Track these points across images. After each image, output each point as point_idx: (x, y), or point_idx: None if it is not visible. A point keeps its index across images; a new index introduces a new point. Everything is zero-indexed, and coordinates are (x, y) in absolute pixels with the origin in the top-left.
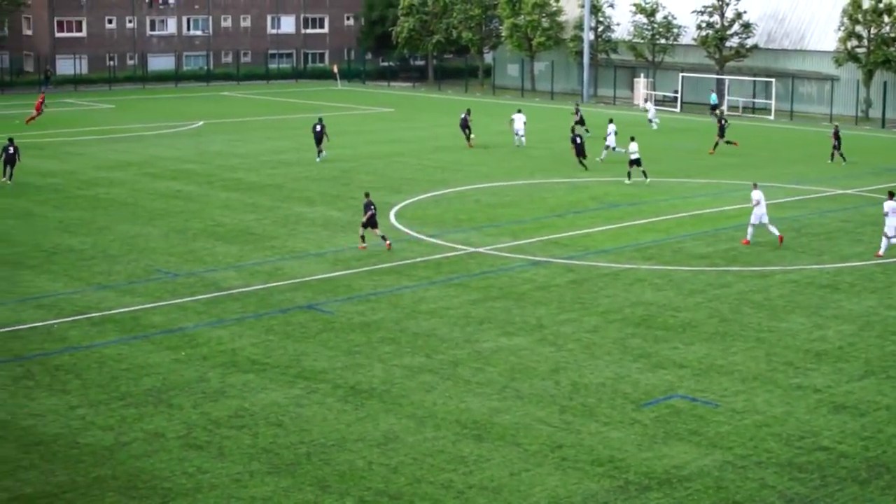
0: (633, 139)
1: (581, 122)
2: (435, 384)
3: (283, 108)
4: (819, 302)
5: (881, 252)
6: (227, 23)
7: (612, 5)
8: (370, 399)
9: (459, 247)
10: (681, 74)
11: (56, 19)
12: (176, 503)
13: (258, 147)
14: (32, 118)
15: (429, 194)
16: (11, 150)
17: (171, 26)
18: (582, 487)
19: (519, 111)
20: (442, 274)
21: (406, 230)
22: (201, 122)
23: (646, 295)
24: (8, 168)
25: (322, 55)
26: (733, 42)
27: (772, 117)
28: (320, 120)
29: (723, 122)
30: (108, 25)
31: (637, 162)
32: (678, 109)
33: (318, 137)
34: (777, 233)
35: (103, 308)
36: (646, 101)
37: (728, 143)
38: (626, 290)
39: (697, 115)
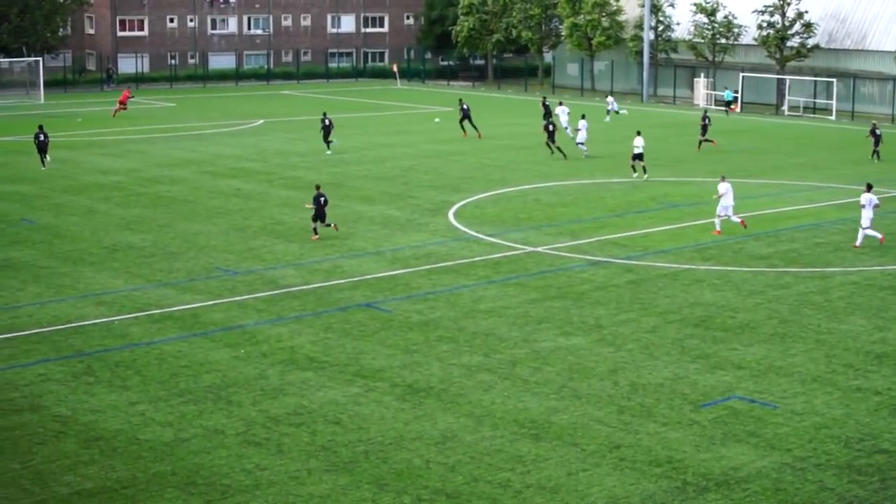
0: (638, 133)
1: (547, 113)
2: (493, 383)
3: (343, 106)
4: (880, 304)
5: (858, 243)
6: (287, 22)
7: (672, 5)
8: (428, 398)
9: (518, 246)
10: (741, 74)
11: (118, 18)
12: (234, 499)
13: (318, 146)
14: (117, 111)
15: (488, 193)
16: (42, 136)
17: (232, 25)
18: (640, 488)
19: (560, 103)
20: (500, 273)
21: (465, 229)
22: (261, 121)
23: (705, 296)
24: (41, 155)
25: (382, 54)
26: (794, 42)
27: (833, 117)
28: (326, 114)
29: (706, 120)
30: (169, 24)
31: (639, 157)
32: (739, 109)
33: (328, 132)
34: (737, 219)
35: (164, 305)
36: (607, 96)
37: (706, 140)
38: (685, 290)
39: (758, 115)
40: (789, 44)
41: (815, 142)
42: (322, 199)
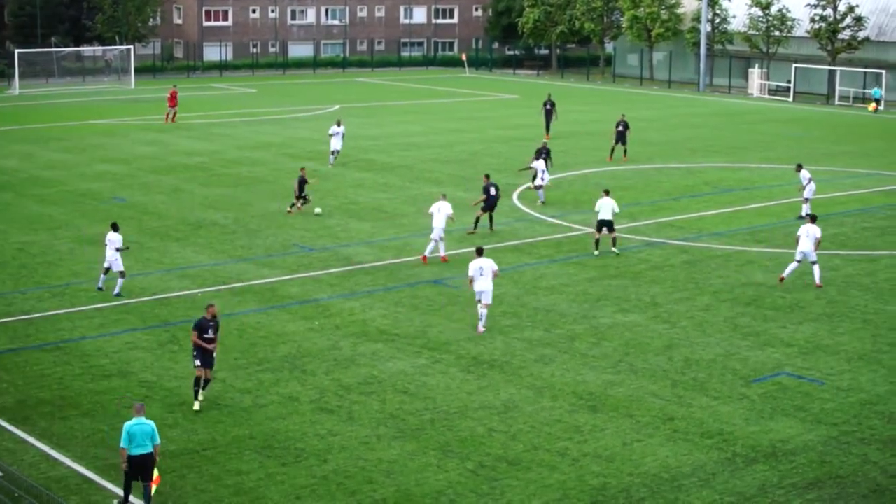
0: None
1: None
2: (553, 357)
3: (415, 93)
4: None
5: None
6: (362, 13)
7: None
8: (491, 370)
9: (579, 227)
10: (794, 65)
11: (204, 9)
12: (308, 462)
13: (390, 130)
14: None
15: (550, 177)
16: None
17: (311, 16)
18: (691, 458)
19: (339, 123)
20: (562, 253)
21: (528, 210)
22: (337, 106)
23: (756, 276)
24: None
25: (452, 44)
26: (845, 35)
27: (882, 108)
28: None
29: (621, 126)
30: (251, 15)
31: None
32: (791, 99)
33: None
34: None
35: (244, 279)
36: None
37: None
38: (738, 271)
39: (810, 105)
40: (840, 36)
41: (864, 131)
42: None
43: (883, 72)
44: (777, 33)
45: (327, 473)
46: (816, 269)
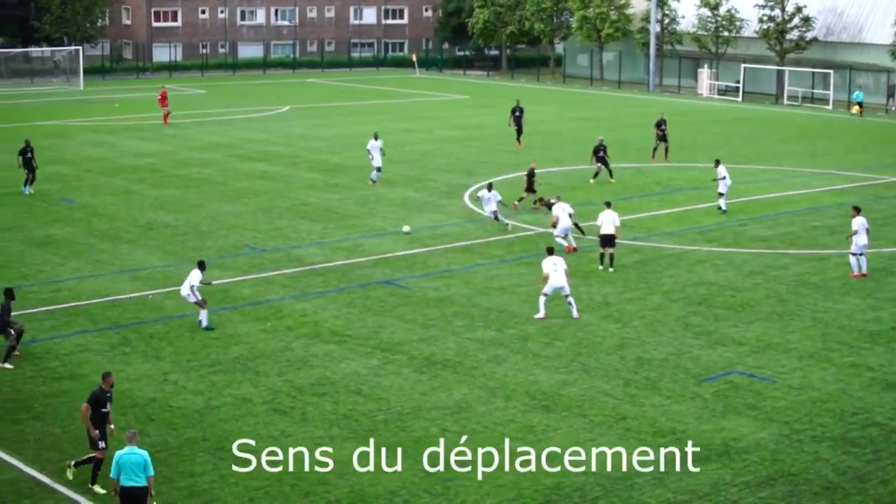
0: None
1: None
2: (506, 357)
3: (365, 94)
4: (873, 284)
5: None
6: (312, 13)
7: None
8: (444, 370)
9: (530, 227)
10: (742, 65)
11: (153, 10)
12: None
13: (341, 131)
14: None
15: (501, 177)
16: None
17: (260, 16)
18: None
19: (375, 136)
20: (513, 253)
21: (479, 211)
22: (287, 107)
23: (707, 275)
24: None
25: (402, 44)
26: (793, 35)
27: (830, 107)
28: (28, 143)
29: (663, 126)
30: (201, 15)
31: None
32: (740, 99)
33: (29, 166)
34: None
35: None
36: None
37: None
38: (689, 270)
39: (758, 105)
40: (788, 36)
41: (812, 130)
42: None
43: (831, 72)
44: (726, 33)
45: (280, 475)
46: (864, 260)
